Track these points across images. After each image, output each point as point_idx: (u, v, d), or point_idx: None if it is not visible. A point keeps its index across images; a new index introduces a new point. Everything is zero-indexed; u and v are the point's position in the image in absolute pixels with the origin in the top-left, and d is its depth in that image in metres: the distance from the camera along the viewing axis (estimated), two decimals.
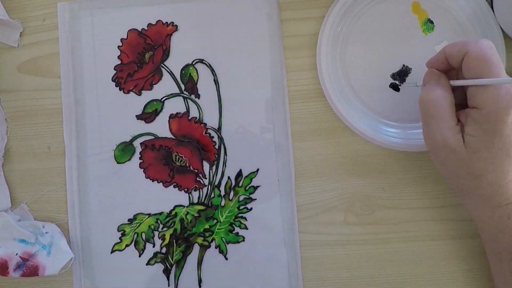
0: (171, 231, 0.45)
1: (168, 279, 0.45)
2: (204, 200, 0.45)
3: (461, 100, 0.37)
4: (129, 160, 0.45)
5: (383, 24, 0.44)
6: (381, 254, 0.44)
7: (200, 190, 0.45)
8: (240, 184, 0.45)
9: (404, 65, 0.44)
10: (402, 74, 0.44)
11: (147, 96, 0.45)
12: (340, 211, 0.45)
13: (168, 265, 0.45)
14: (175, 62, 0.45)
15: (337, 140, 0.45)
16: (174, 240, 0.45)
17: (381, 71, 0.44)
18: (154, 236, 0.45)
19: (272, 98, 0.45)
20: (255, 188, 0.45)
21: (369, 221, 0.45)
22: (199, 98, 0.45)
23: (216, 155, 0.45)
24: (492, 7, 0.42)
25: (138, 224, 0.45)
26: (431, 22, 0.43)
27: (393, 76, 0.44)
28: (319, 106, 0.45)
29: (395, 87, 0.44)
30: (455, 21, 0.43)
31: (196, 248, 0.45)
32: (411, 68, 0.44)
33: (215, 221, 0.45)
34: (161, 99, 0.45)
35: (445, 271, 0.44)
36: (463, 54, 0.35)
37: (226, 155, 0.45)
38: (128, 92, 0.45)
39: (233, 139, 0.45)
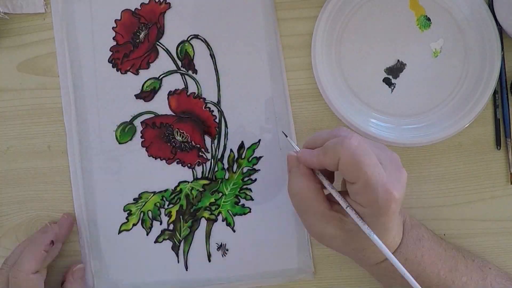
0: (177, 207, 0.45)
1: (177, 255, 0.45)
2: (208, 175, 0.45)
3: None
4: (130, 139, 0.45)
5: (379, 19, 0.43)
6: None
7: (203, 164, 0.45)
8: (243, 156, 0.45)
9: (398, 60, 0.44)
10: (396, 70, 0.44)
11: (144, 75, 0.45)
12: None
13: (176, 241, 0.45)
14: (170, 40, 0.45)
15: None
16: (180, 216, 0.45)
17: (375, 66, 0.44)
18: (160, 213, 0.45)
19: (270, 69, 0.45)
20: (258, 158, 0.45)
21: None
22: (196, 74, 0.45)
23: (217, 129, 0.45)
24: (492, 8, 0.42)
25: (143, 203, 0.45)
26: (428, 19, 0.43)
27: (387, 71, 0.44)
28: (317, 105, 0.45)
29: (388, 82, 0.44)
30: (452, 19, 0.43)
31: (203, 223, 0.45)
32: (405, 64, 0.44)
33: (220, 194, 0.45)
34: (159, 77, 0.45)
35: None
36: (337, 160, 0.34)
37: (227, 128, 0.45)
38: (125, 73, 0.45)
39: (233, 111, 0.45)
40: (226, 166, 0.45)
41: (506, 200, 0.44)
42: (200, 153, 0.45)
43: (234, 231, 0.45)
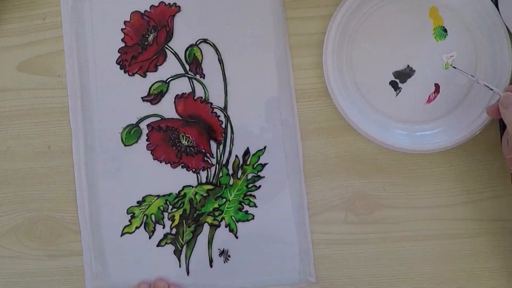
0: (180, 211, 0.45)
1: (179, 260, 0.45)
2: (212, 180, 0.45)
3: None
4: (136, 142, 0.45)
5: (397, 21, 0.43)
6: (381, 253, 0.44)
7: (208, 169, 0.45)
8: (248, 162, 0.45)
9: (408, 66, 0.43)
10: (404, 75, 0.43)
11: (152, 77, 0.45)
12: (340, 210, 0.44)
13: (178, 245, 0.45)
14: (179, 43, 0.45)
15: (339, 139, 0.45)
16: (184, 221, 0.45)
17: (385, 67, 0.43)
18: (163, 217, 0.45)
19: (277, 73, 0.45)
20: (263, 165, 0.45)
21: (369, 221, 0.44)
22: (204, 78, 0.45)
23: (223, 134, 0.45)
24: (498, 9, 0.41)
25: (147, 206, 0.45)
26: (445, 30, 0.43)
27: (395, 74, 0.43)
28: (322, 105, 0.45)
29: (394, 86, 0.43)
30: (469, 34, 0.42)
31: (206, 228, 0.45)
32: (414, 70, 0.43)
33: (224, 200, 0.45)
34: (166, 80, 0.45)
35: (445, 271, 0.44)
36: None
37: (233, 133, 0.45)
38: (133, 75, 0.45)
39: (240, 117, 0.45)
40: (230, 172, 0.45)
41: (506, 200, 0.44)
42: (205, 158, 0.45)
43: (236, 237, 0.45)
